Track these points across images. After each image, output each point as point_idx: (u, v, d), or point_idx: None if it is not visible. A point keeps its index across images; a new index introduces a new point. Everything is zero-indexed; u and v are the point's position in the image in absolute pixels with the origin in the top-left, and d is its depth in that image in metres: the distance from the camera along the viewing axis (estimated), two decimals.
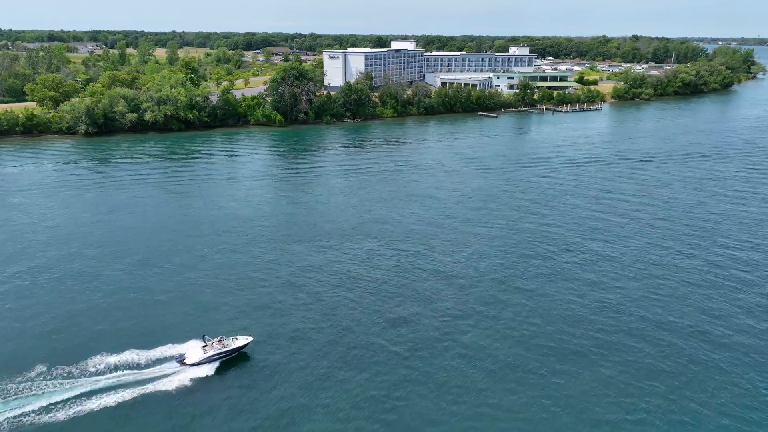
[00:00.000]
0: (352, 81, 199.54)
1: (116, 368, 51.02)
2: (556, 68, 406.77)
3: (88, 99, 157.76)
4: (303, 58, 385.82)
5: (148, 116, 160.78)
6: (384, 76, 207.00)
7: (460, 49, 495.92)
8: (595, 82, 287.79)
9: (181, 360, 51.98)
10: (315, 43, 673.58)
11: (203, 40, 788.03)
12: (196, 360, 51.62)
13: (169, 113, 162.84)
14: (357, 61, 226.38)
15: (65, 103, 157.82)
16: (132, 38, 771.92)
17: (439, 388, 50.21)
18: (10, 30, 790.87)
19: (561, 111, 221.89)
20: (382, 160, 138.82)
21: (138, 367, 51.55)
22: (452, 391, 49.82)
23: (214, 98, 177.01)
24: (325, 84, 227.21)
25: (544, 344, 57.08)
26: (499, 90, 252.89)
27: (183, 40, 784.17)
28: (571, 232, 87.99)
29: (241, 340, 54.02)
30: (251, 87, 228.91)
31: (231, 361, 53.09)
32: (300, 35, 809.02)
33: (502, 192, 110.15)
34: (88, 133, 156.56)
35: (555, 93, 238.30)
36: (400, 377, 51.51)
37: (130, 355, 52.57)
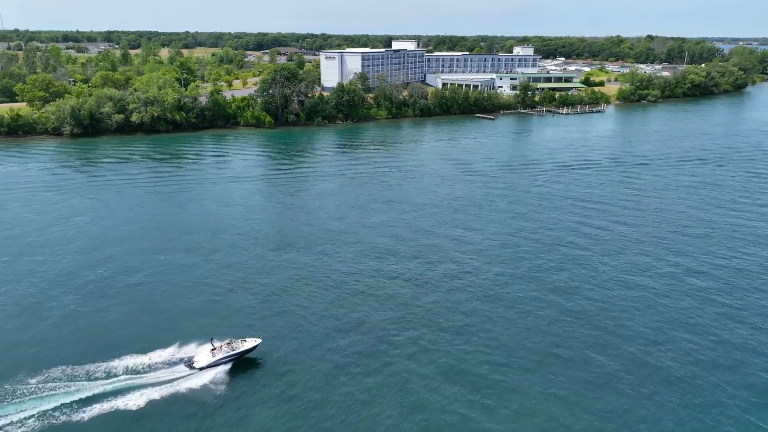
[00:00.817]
0: (345, 82, 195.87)
1: (123, 372, 50.55)
2: (565, 69, 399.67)
3: (73, 100, 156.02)
4: (309, 58, 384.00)
5: (134, 117, 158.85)
6: (378, 77, 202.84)
7: (471, 50, 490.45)
8: (601, 84, 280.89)
9: (189, 364, 51.33)
10: (326, 44, 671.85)
11: (216, 40, 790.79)
12: (204, 363, 50.95)
13: (156, 114, 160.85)
14: (353, 61, 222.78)
15: (51, 103, 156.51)
16: (145, 38, 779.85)
17: (452, 388, 50.37)
18: (27, 30, 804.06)
19: (561, 113, 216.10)
20: (366, 162, 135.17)
21: (145, 371, 50.95)
22: (464, 397, 49.24)
23: (204, 99, 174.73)
24: (322, 85, 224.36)
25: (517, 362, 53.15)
26: (501, 91, 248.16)
27: (196, 40, 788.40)
28: (539, 244, 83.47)
29: (250, 343, 53.23)
30: (250, 87, 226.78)
31: (240, 363, 52.44)
32: (312, 35, 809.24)
33: (483, 197, 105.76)
34: (75, 134, 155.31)
35: (557, 94, 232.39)
36: (412, 377, 51.48)
37: (136, 359, 52.05)
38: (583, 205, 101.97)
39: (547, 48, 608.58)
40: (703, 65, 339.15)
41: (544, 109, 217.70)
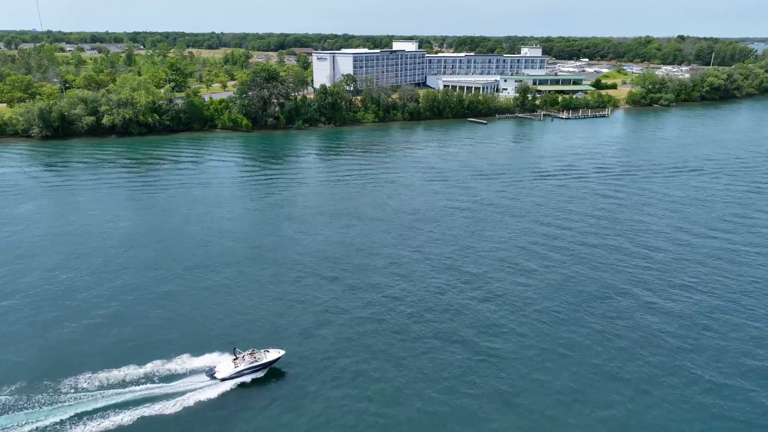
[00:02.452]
0: (328, 84, 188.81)
1: (143, 381, 49.51)
2: (584, 71, 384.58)
3: (42, 101, 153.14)
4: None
5: (105, 120, 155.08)
6: (365, 79, 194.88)
7: (492, 50, 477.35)
8: (614, 86, 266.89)
9: (211, 374, 50.05)
10: (346, 44, 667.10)
11: (240, 40, 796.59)
12: (226, 374, 49.72)
13: (128, 116, 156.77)
14: (345, 62, 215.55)
15: (20, 105, 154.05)
16: (171, 39, 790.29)
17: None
18: (59, 32, 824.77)
19: (561, 117, 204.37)
20: (331, 170, 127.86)
21: (167, 380, 49.90)
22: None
23: (180, 102, 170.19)
24: (314, 87, 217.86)
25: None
26: (506, 94, 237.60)
27: (220, 41, 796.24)
28: (479, 268, 74.46)
29: (273, 354, 51.76)
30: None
31: (263, 375, 50.93)
32: (334, 36, 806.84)
33: (441, 210, 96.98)
34: (45, 137, 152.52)
35: (560, 98, 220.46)
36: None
37: (157, 367, 51.09)
38: (545, 219, 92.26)
39: (571, 49, 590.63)
40: (733, 66, 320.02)
41: (543, 113, 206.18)
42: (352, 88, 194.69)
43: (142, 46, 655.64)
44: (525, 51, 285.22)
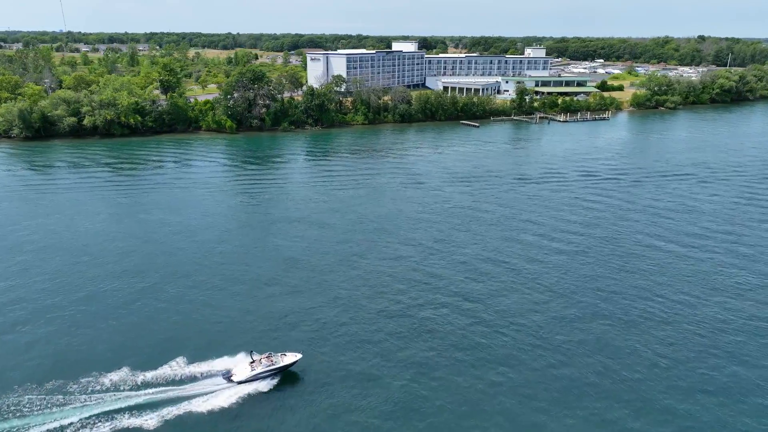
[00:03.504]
0: (316, 85, 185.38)
1: (160, 383, 49.13)
2: (595, 71, 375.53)
3: (23, 102, 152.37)
4: None
5: (86, 121, 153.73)
6: (353, 80, 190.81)
7: (506, 51, 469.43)
8: (620, 88, 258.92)
9: (228, 377, 49.76)
10: (359, 44, 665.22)
11: (255, 41, 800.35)
12: (243, 377, 49.41)
13: (109, 117, 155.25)
14: (338, 63, 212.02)
15: (3, 105, 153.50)
16: (187, 39, 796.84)
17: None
18: (79, 32, 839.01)
19: (558, 120, 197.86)
20: (301, 173, 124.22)
21: (183, 382, 49.37)
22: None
23: (163, 103, 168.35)
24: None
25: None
26: (507, 95, 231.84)
27: (235, 41, 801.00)
28: (421, 287, 69.88)
29: (290, 357, 51.10)
30: None
31: (279, 379, 50.36)
32: (348, 36, 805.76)
33: (409, 215, 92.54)
34: (27, 138, 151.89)
35: (560, 100, 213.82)
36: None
37: (173, 370, 50.71)
38: (513, 228, 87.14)
39: (586, 49, 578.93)
40: (752, 66, 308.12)
41: (539, 116, 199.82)
42: (343, 89, 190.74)
43: (158, 47, 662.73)
44: (528, 51, 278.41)
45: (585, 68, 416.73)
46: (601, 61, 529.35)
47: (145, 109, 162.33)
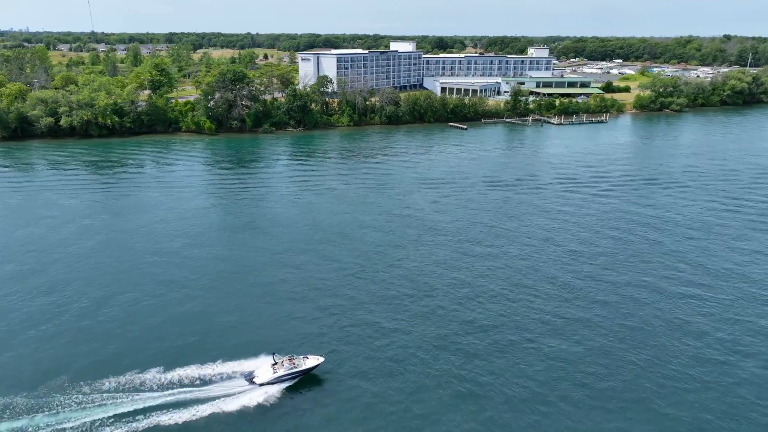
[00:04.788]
0: (299, 86, 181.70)
1: (182, 384, 49.08)
2: (608, 72, 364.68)
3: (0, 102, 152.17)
4: None
5: (63, 121, 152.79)
6: (339, 80, 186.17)
7: (522, 51, 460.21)
8: (626, 89, 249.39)
9: (250, 378, 49.64)
10: (375, 44, 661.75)
11: (272, 41, 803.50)
12: (265, 380, 49.21)
13: (86, 118, 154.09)
14: (329, 63, 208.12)
15: None
16: (206, 40, 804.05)
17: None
18: (102, 33, 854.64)
19: (552, 123, 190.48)
20: (268, 176, 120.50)
21: (204, 384, 49.28)
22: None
23: (142, 103, 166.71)
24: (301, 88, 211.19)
25: None
26: (507, 96, 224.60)
27: (253, 41, 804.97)
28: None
29: (312, 361, 50.73)
30: None
31: (301, 382, 49.96)
32: (366, 35, 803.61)
33: (363, 221, 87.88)
34: (3, 138, 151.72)
35: (558, 102, 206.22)
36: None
37: (196, 371, 50.56)
38: (468, 236, 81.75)
39: (604, 49, 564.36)
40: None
41: (531, 118, 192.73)
42: (330, 90, 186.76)
43: (165, 47, 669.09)
44: (531, 51, 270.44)
45: (599, 68, 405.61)
46: (620, 61, 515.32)
47: (123, 110, 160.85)
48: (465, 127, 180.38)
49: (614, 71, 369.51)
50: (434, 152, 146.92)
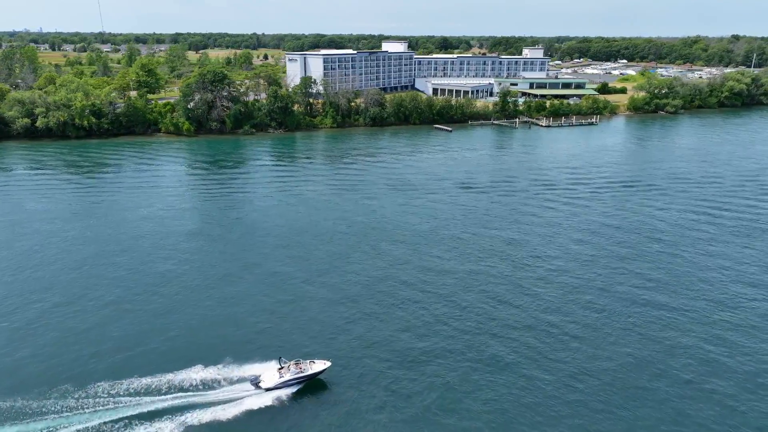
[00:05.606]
0: (289, 87, 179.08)
1: (187, 387, 48.38)
2: (609, 73, 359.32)
3: None
4: None
5: (39, 122, 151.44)
6: (322, 81, 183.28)
7: None
8: (622, 90, 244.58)
9: (256, 383, 48.83)
10: (378, 45, 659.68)
11: (278, 41, 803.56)
12: (271, 384, 48.41)
13: (63, 119, 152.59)
14: (315, 64, 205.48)
15: None
16: (211, 40, 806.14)
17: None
18: (110, 33, 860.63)
19: (541, 125, 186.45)
20: (239, 179, 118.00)
21: (209, 387, 48.66)
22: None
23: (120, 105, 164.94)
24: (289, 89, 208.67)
25: None
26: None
27: (259, 41, 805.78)
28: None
29: (319, 365, 50.07)
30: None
31: (307, 387, 49.34)
32: (371, 36, 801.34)
33: (325, 226, 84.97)
34: None
35: (548, 103, 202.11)
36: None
37: (201, 374, 49.85)
38: (431, 242, 78.56)
39: (609, 49, 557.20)
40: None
41: (518, 120, 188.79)
42: (314, 91, 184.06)
43: (163, 47, 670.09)
44: (526, 52, 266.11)
45: (602, 69, 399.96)
46: (624, 61, 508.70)
47: (101, 111, 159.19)
48: (450, 129, 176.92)
49: (616, 72, 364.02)
50: (412, 155, 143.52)
